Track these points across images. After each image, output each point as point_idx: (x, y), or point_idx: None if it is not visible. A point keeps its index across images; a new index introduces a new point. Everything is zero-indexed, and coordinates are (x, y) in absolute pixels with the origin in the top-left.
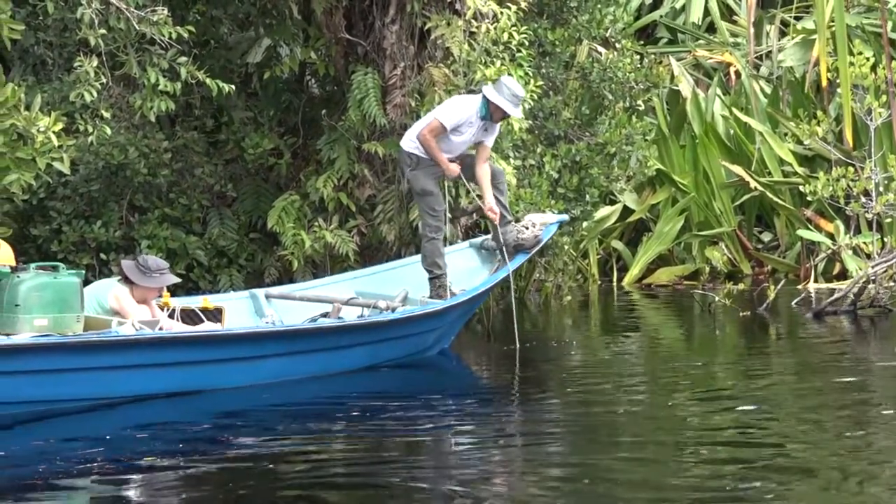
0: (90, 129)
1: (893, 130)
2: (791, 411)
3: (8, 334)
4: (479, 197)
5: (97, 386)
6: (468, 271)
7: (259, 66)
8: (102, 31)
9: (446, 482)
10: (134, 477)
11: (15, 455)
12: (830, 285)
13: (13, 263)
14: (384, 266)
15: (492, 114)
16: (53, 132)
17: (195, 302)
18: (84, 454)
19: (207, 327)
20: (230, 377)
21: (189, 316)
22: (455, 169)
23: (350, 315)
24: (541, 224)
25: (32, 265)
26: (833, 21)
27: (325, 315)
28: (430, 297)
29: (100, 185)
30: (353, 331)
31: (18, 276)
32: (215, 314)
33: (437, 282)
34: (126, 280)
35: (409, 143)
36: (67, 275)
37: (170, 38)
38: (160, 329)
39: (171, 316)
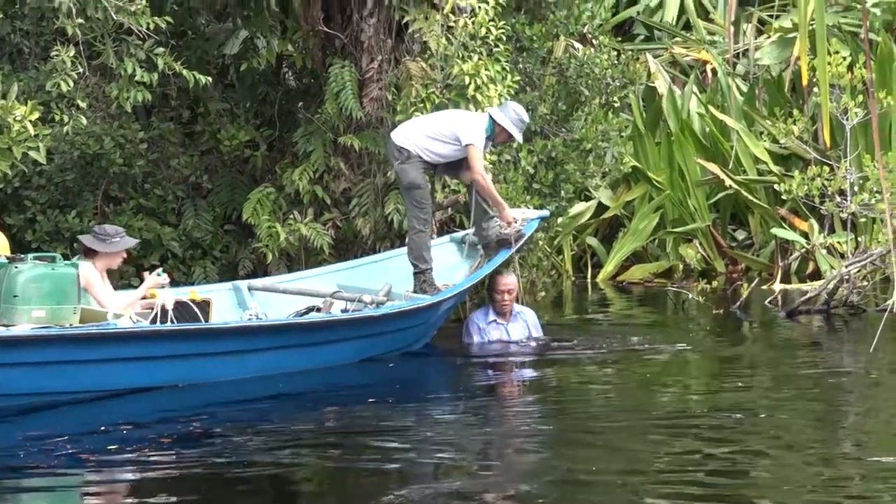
0: (66, 118)
1: (872, 130)
2: (763, 412)
3: (6, 325)
4: (485, 211)
5: (94, 378)
6: (449, 266)
7: (236, 58)
8: (80, 20)
9: (427, 475)
10: (124, 470)
11: (9, 447)
12: (798, 286)
13: (9, 253)
14: (365, 260)
15: (496, 135)
16: (29, 121)
17: (183, 293)
18: (77, 447)
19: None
20: (225, 370)
21: (182, 307)
22: (510, 215)
23: (333, 309)
24: (522, 219)
25: (30, 256)
26: (813, 20)
27: (314, 309)
28: (415, 291)
29: (75, 175)
30: (346, 325)
31: (16, 267)
32: (203, 306)
33: (422, 276)
34: (87, 253)
35: (402, 137)
36: (65, 266)
37: (147, 28)
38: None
39: (163, 308)
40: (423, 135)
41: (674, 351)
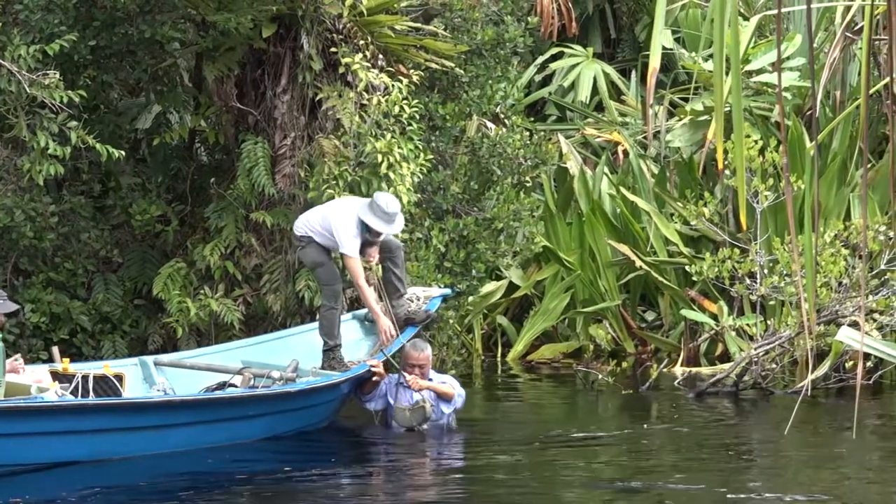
0: None
1: (782, 213)
2: (670, 495)
3: None
4: (396, 289)
5: (18, 452)
6: (352, 343)
7: (148, 133)
8: None
9: None
10: None
11: None
12: (699, 369)
13: None
14: (270, 336)
15: (370, 231)
16: None
17: (97, 368)
18: None
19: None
20: (147, 444)
21: (101, 381)
22: (385, 324)
23: (239, 385)
24: (425, 297)
25: None
26: (729, 103)
27: (224, 385)
28: (323, 367)
29: None
30: (271, 399)
31: None
32: (117, 380)
33: (331, 353)
34: None
35: (301, 227)
36: None
37: (60, 102)
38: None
39: (84, 382)
40: (316, 225)
41: (581, 431)
